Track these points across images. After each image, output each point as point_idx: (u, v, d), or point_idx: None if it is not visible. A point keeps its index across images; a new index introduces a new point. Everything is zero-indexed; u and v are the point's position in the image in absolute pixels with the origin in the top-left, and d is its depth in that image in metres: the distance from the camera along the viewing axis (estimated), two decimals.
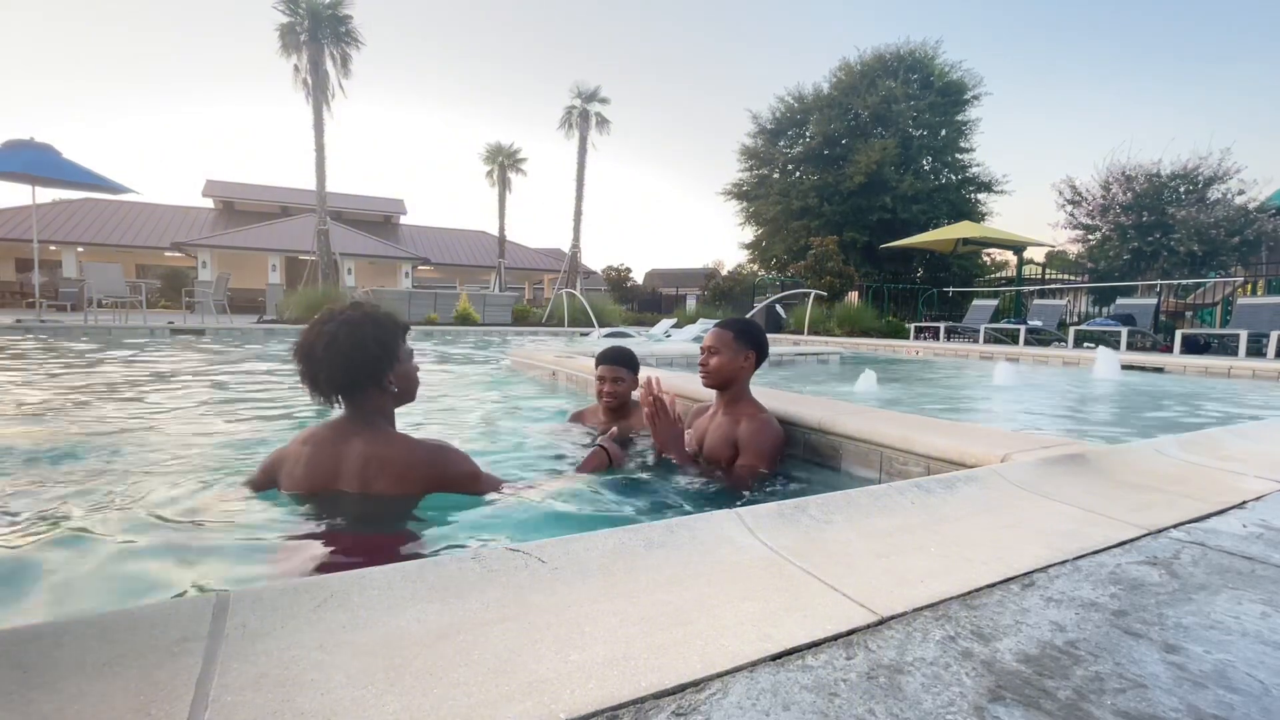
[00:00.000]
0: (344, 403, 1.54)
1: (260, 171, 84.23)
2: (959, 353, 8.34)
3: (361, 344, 1.49)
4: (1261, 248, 12.03)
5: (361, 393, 1.53)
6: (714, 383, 2.13)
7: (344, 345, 1.47)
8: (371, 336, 1.51)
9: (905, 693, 0.67)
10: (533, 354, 5.38)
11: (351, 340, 1.48)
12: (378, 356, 1.51)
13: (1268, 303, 7.94)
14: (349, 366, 1.48)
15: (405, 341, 1.63)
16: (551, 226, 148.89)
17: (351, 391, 1.52)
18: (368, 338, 1.50)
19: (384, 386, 1.54)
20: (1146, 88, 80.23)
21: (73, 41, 78.23)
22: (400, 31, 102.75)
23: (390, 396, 1.58)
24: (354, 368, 1.48)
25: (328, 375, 1.48)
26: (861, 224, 17.52)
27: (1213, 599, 0.92)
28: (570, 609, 0.82)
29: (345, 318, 1.52)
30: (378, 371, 1.52)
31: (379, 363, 1.51)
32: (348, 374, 1.49)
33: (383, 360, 1.52)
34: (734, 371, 2.10)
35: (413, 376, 1.64)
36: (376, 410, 1.56)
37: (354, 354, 1.48)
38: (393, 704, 0.61)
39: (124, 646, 0.67)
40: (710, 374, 2.11)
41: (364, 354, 1.49)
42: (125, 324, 9.81)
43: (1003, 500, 1.36)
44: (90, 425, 2.82)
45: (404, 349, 1.61)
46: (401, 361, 1.58)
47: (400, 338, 1.60)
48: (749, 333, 2.13)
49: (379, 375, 1.52)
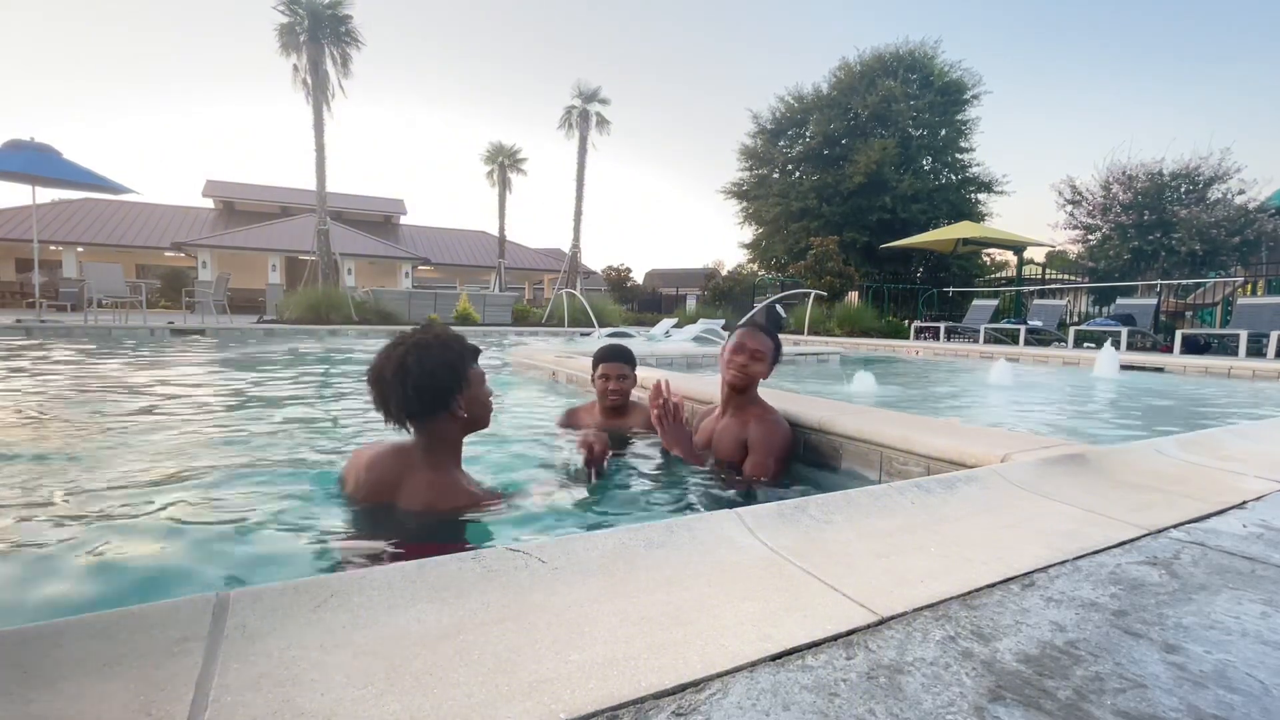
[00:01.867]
0: (413, 428, 1.53)
1: (260, 171, 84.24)
2: (959, 353, 8.34)
3: (431, 371, 1.46)
4: (1261, 248, 12.02)
5: (431, 419, 1.51)
6: (745, 385, 2.14)
7: (413, 371, 1.45)
8: (440, 360, 1.49)
9: (905, 693, 0.67)
10: (533, 354, 5.38)
11: (421, 367, 1.46)
12: (447, 383, 1.49)
13: (1268, 303, 7.94)
14: (418, 393, 1.46)
15: (476, 365, 1.60)
16: (551, 226, 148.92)
17: (421, 418, 1.50)
18: (437, 363, 1.48)
19: (454, 412, 1.51)
20: (1146, 88, 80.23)
21: (73, 41, 78.23)
22: (400, 32, 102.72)
23: (460, 423, 1.55)
24: (423, 394, 1.46)
25: (397, 401, 1.47)
26: (861, 224, 17.51)
27: (1213, 599, 0.92)
28: (570, 609, 0.82)
29: (415, 341, 1.50)
30: (447, 398, 1.49)
31: (448, 389, 1.49)
32: (418, 400, 1.47)
33: (452, 387, 1.50)
34: (762, 378, 2.15)
35: (485, 402, 1.60)
36: (443, 439, 1.55)
37: (423, 380, 1.45)
38: (393, 704, 0.61)
39: (124, 646, 0.67)
40: (750, 379, 2.12)
41: (433, 380, 1.47)
42: (125, 324, 9.81)
43: (1003, 500, 1.36)
44: (90, 425, 2.82)
45: (475, 372, 1.58)
46: (472, 386, 1.55)
47: (470, 361, 1.57)
48: (779, 346, 2.20)
49: (448, 401, 1.49)
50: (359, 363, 6.30)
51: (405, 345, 1.49)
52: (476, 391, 1.56)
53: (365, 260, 24.70)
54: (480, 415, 1.59)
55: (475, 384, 1.56)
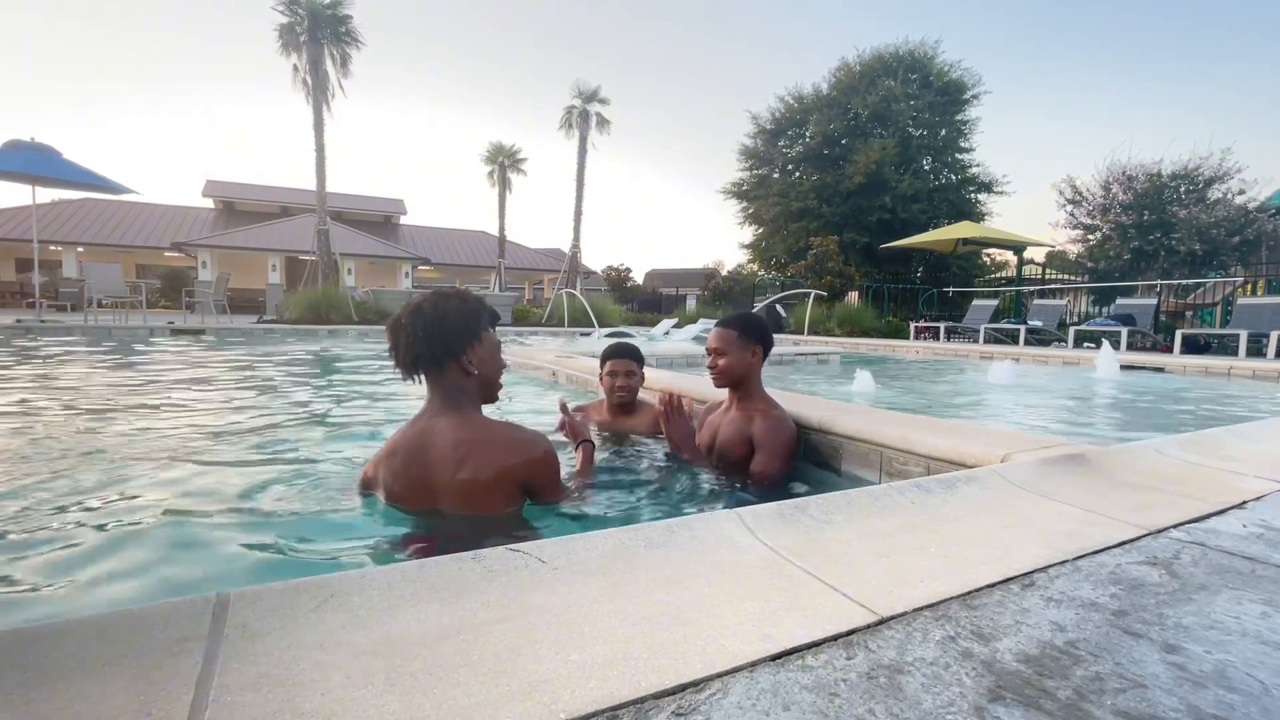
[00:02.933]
0: (426, 381, 1.53)
1: (260, 171, 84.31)
2: (959, 353, 8.34)
3: (444, 314, 1.49)
4: (1261, 248, 12.02)
5: (441, 370, 1.51)
6: (725, 382, 2.13)
7: (427, 314, 1.49)
8: (455, 309, 1.51)
9: (905, 693, 0.67)
10: (533, 354, 5.38)
11: (435, 310, 1.49)
12: (459, 329, 1.50)
13: (1268, 303, 7.94)
14: (429, 335, 1.47)
15: (492, 329, 1.60)
16: (551, 226, 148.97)
17: (431, 366, 1.50)
18: (451, 310, 1.51)
19: (464, 365, 1.51)
20: (1146, 88, 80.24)
21: (73, 41, 78.21)
22: (400, 32, 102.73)
23: (474, 382, 1.54)
24: (433, 337, 1.48)
25: (408, 342, 1.48)
26: (861, 224, 17.51)
27: (1213, 599, 0.92)
28: (570, 609, 0.82)
29: (435, 292, 1.55)
30: (457, 345, 1.50)
31: (459, 335, 1.50)
32: (427, 342, 1.47)
33: (464, 334, 1.51)
34: (743, 369, 2.09)
35: (496, 366, 1.60)
36: (462, 393, 1.53)
37: (434, 323, 1.48)
38: (393, 704, 0.61)
39: (124, 646, 0.67)
40: (720, 374, 2.11)
41: (444, 324, 1.49)
42: (125, 324, 9.81)
43: (1003, 500, 1.36)
44: (89, 425, 2.82)
45: (489, 334, 1.58)
46: (484, 344, 1.55)
47: (484, 319, 1.57)
48: (752, 327, 2.12)
49: (458, 349, 1.50)
50: (359, 362, 6.30)
51: (426, 294, 1.54)
52: (489, 354, 1.57)
53: (365, 260, 24.70)
54: (490, 378, 1.58)
55: (488, 345, 1.57)
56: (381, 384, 4.60)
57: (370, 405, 3.71)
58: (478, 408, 1.58)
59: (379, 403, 3.78)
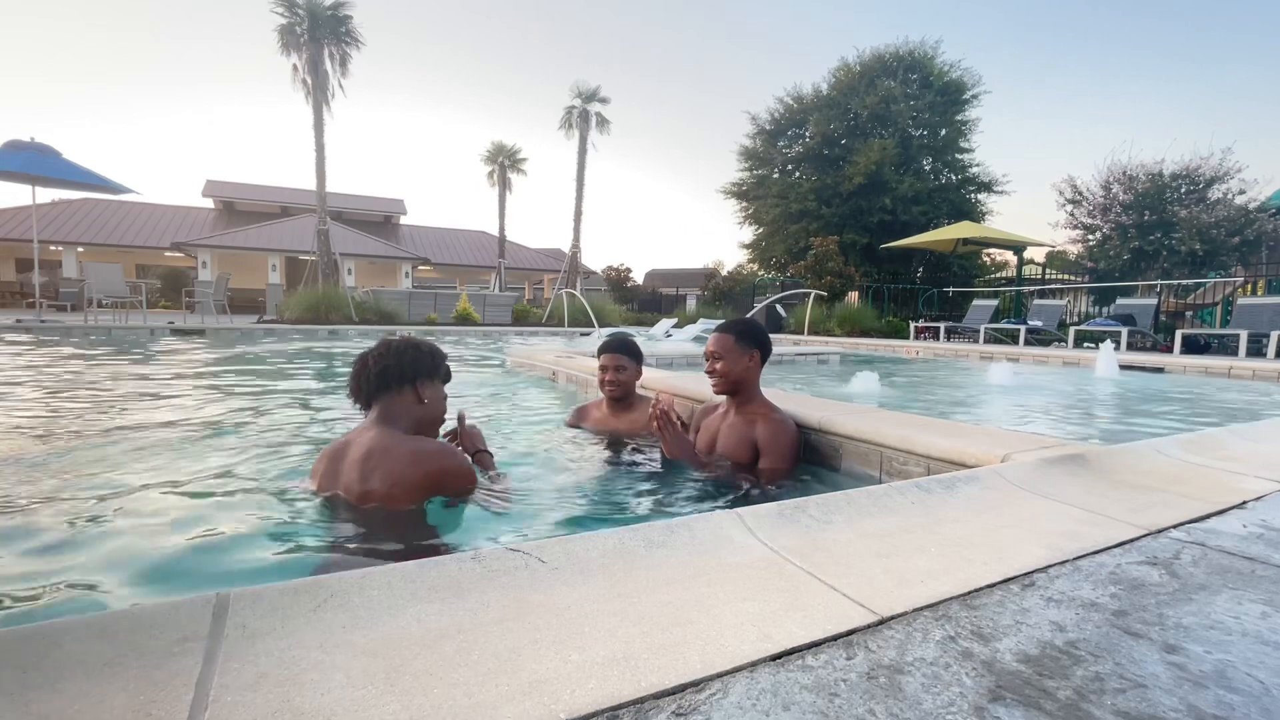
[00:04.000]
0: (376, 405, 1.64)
1: (260, 171, 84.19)
2: (959, 353, 8.34)
3: (416, 345, 1.69)
4: (1261, 248, 12.03)
5: (391, 393, 1.64)
6: (724, 388, 2.13)
7: (398, 343, 1.68)
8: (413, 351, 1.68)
9: (905, 693, 0.67)
10: (532, 354, 5.38)
11: (396, 352, 1.66)
12: (425, 360, 1.68)
13: (1268, 303, 7.94)
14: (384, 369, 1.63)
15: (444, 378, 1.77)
16: (551, 226, 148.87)
17: (386, 390, 1.63)
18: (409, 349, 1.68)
19: (418, 392, 1.65)
20: (1147, 88, 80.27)
21: (73, 41, 78.22)
22: (400, 32, 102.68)
23: (419, 412, 1.67)
24: (388, 371, 1.63)
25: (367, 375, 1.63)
26: (861, 225, 17.50)
27: (1213, 599, 0.92)
28: (570, 609, 0.82)
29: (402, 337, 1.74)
30: (419, 371, 1.66)
31: (423, 365, 1.67)
32: (398, 361, 1.64)
33: (428, 366, 1.69)
34: (742, 374, 2.09)
35: (440, 408, 1.74)
36: (400, 417, 1.64)
37: (409, 349, 1.67)
38: (393, 704, 0.61)
39: (124, 646, 0.67)
40: (720, 380, 2.11)
41: (399, 361, 1.64)
42: (125, 324, 9.81)
43: (1003, 500, 1.36)
44: (89, 425, 2.82)
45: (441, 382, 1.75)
46: (436, 384, 1.72)
47: (441, 366, 1.75)
48: (750, 332, 2.12)
49: (419, 375, 1.66)
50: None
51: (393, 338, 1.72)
52: (438, 396, 1.73)
53: (365, 260, 24.69)
54: (434, 417, 1.73)
55: (440, 389, 1.74)
56: None
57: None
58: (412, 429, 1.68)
59: None
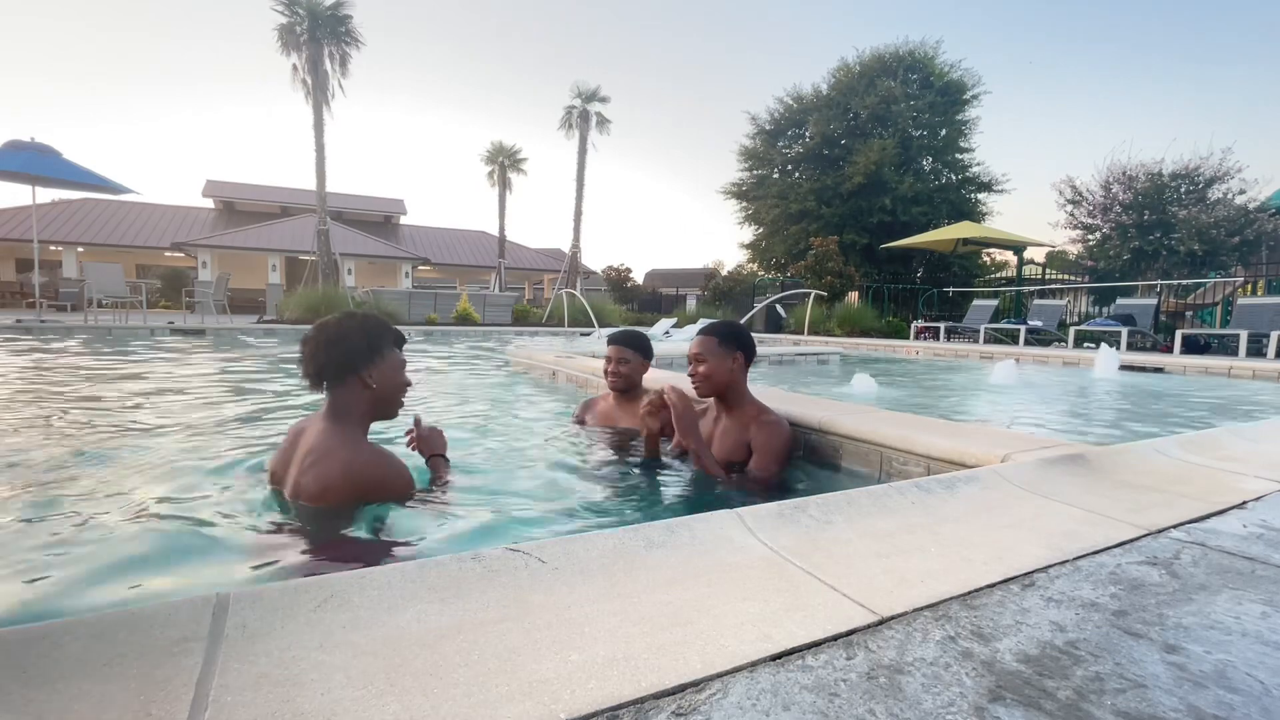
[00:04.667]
0: (327, 392, 1.61)
1: (260, 171, 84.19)
2: (959, 353, 8.34)
3: (346, 332, 1.59)
4: (1261, 248, 12.02)
5: (341, 382, 1.59)
6: (708, 390, 2.10)
7: (331, 330, 1.58)
8: (358, 328, 1.60)
9: (905, 693, 0.67)
10: (533, 354, 5.38)
11: (339, 328, 1.59)
12: (360, 346, 1.59)
13: (1268, 303, 7.94)
14: (330, 349, 1.56)
15: (397, 350, 1.68)
16: (551, 226, 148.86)
17: (333, 378, 1.59)
18: (355, 327, 1.60)
19: (364, 380, 1.59)
20: (1147, 88, 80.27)
21: (73, 41, 78.23)
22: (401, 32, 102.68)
23: (370, 396, 1.61)
24: (335, 351, 1.57)
25: (312, 354, 1.57)
26: (861, 225, 17.49)
27: (1213, 599, 0.92)
28: (570, 609, 0.82)
29: (343, 312, 1.65)
30: (357, 361, 1.58)
31: (360, 352, 1.59)
32: (329, 356, 1.56)
33: (365, 351, 1.59)
34: (725, 376, 2.07)
35: (397, 384, 1.67)
36: (351, 407, 1.60)
37: (339, 340, 1.57)
38: (393, 704, 0.61)
39: (124, 646, 0.67)
40: (702, 382, 2.08)
41: (346, 341, 1.58)
42: (125, 324, 9.81)
43: (1003, 500, 1.36)
44: (88, 425, 2.82)
45: (392, 354, 1.66)
46: (385, 362, 1.63)
47: (389, 340, 1.65)
48: (731, 334, 2.10)
49: (358, 365, 1.58)
50: None
51: (336, 314, 1.64)
52: (389, 371, 1.64)
53: (365, 260, 24.70)
54: (389, 395, 1.65)
55: (389, 363, 1.65)
56: None
57: None
58: (363, 423, 1.64)
59: None
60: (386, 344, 1.64)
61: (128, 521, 1.56)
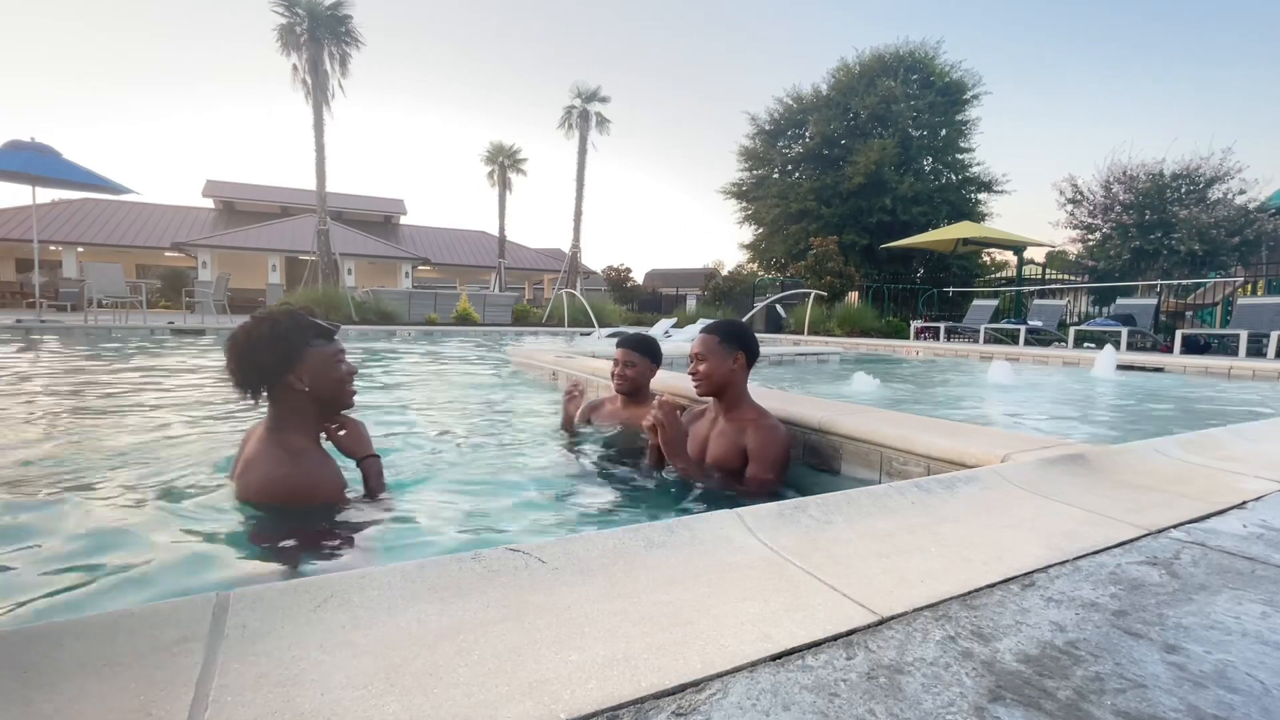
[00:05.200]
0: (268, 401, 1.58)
1: (260, 171, 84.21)
2: (959, 353, 8.34)
3: (257, 340, 1.53)
4: (1261, 248, 12.02)
5: (272, 390, 1.56)
6: (707, 390, 2.08)
7: (241, 340, 1.53)
8: (269, 332, 1.53)
9: (905, 693, 0.67)
10: (533, 354, 5.38)
11: (249, 336, 1.53)
12: (275, 351, 1.53)
13: (1268, 303, 7.94)
14: (244, 360, 1.53)
15: (326, 342, 1.61)
16: (551, 226, 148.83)
17: (258, 387, 1.56)
18: (265, 333, 1.53)
19: (293, 382, 1.55)
20: (1147, 88, 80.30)
21: (73, 41, 78.25)
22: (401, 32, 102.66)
23: (307, 397, 1.57)
24: (250, 361, 1.53)
25: (232, 368, 1.54)
26: (861, 226, 17.49)
27: (1213, 599, 0.92)
28: (570, 609, 0.82)
29: (253, 316, 1.58)
30: (277, 366, 1.54)
31: (276, 357, 1.53)
32: (245, 367, 1.53)
33: (282, 354, 1.53)
34: (725, 376, 2.05)
35: (335, 379, 1.61)
36: (291, 410, 1.58)
37: (250, 349, 1.53)
38: (393, 704, 0.61)
39: (124, 646, 0.67)
40: (702, 381, 2.07)
41: (258, 349, 1.52)
42: (125, 324, 9.80)
43: (1003, 500, 1.36)
44: (88, 426, 2.82)
45: (319, 349, 1.59)
46: (311, 359, 1.56)
47: (308, 336, 1.58)
48: (734, 334, 2.09)
49: (280, 370, 1.54)
50: (360, 361, 6.29)
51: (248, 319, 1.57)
52: (319, 366, 1.58)
53: (365, 260, 24.69)
54: (327, 391, 1.60)
55: (319, 359, 1.58)
56: (375, 383, 4.60)
57: (362, 405, 3.71)
58: (307, 425, 1.61)
59: (375, 402, 3.79)
60: (307, 340, 1.57)
61: (128, 521, 1.56)
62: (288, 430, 1.58)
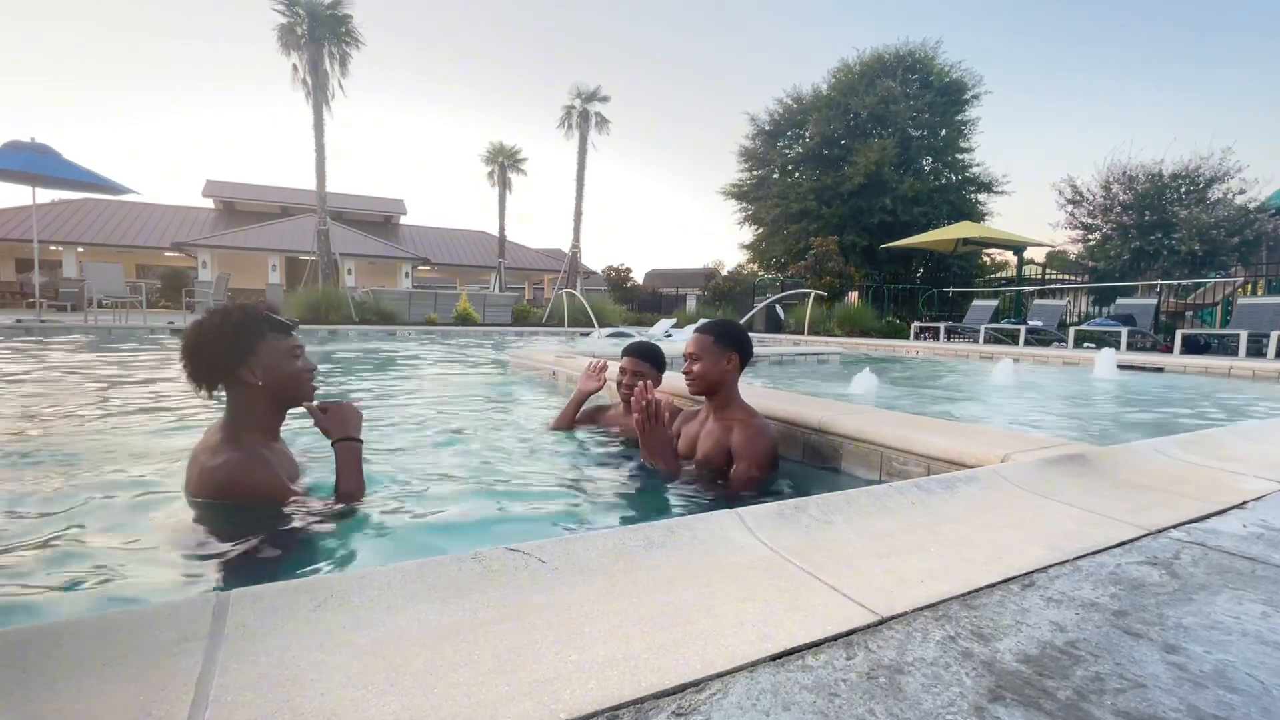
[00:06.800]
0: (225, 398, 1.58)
1: (260, 171, 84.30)
2: (959, 353, 8.34)
3: (205, 336, 1.52)
4: (1261, 248, 12.03)
5: (227, 385, 1.56)
6: (700, 389, 2.08)
7: (190, 337, 1.53)
8: (218, 327, 1.53)
9: (905, 693, 0.67)
10: (532, 354, 5.38)
11: (198, 333, 1.53)
12: (224, 347, 1.52)
13: (1268, 303, 7.94)
14: (194, 357, 1.52)
15: (280, 336, 1.59)
16: (551, 226, 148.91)
17: (210, 383, 1.55)
18: (213, 328, 1.53)
19: (246, 378, 1.53)
20: (1147, 88, 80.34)
21: (73, 41, 78.27)
22: (401, 32, 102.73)
23: (261, 392, 1.55)
24: (199, 357, 1.52)
25: (183, 365, 1.53)
26: (861, 225, 17.48)
27: (1213, 599, 0.92)
28: (570, 609, 0.82)
29: (206, 311, 1.58)
30: (226, 362, 1.53)
31: (226, 352, 1.52)
32: (194, 363, 1.52)
33: (232, 350, 1.52)
34: (718, 375, 2.05)
35: (290, 374, 1.59)
36: (247, 407, 1.57)
37: (199, 346, 1.52)
38: (393, 704, 0.61)
39: (124, 646, 0.67)
40: (695, 380, 2.06)
41: (207, 345, 1.52)
42: (125, 324, 9.81)
43: (1003, 500, 1.36)
44: (88, 426, 2.82)
45: (273, 343, 1.57)
46: (263, 354, 1.54)
47: (260, 331, 1.56)
48: (729, 334, 2.08)
49: (230, 365, 1.53)
50: (361, 362, 6.30)
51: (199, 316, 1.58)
52: (273, 360, 1.56)
53: (365, 260, 24.70)
54: (282, 385, 1.58)
55: (271, 353, 1.56)
56: (371, 380, 4.60)
57: (365, 402, 3.71)
58: (264, 420, 1.60)
59: (375, 400, 3.79)
60: (259, 335, 1.54)
61: (127, 522, 1.56)
62: (242, 426, 1.57)
